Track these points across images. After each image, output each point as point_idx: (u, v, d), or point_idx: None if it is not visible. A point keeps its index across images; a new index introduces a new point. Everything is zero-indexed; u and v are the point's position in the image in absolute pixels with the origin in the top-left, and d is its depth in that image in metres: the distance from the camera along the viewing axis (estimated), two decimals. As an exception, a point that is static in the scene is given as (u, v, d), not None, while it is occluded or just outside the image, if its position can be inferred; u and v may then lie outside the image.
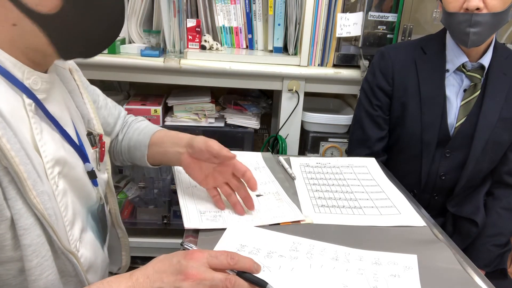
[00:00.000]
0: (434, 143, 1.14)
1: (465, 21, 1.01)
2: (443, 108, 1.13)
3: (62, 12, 0.54)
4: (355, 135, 1.30)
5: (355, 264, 0.70)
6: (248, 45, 1.58)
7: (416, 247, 0.75)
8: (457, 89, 1.14)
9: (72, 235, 0.63)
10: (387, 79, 1.19)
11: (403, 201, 0.94)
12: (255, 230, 0.77)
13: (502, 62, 1.12)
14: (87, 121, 0.76)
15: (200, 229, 0.76)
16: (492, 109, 1.10)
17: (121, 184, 1.67)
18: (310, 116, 1.54)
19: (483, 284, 0.68)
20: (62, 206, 0.61)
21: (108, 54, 1.41)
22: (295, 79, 1.47)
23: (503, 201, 1.17)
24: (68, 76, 0.75)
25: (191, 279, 0.52)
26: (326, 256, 0.72)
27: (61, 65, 0.73)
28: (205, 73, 1.44)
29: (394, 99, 1.20)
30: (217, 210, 0.83)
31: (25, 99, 0.57)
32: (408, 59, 1.18)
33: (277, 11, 1.48)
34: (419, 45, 1.19)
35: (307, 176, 1.04)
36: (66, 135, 0.65)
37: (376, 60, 1.24)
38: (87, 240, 0.68)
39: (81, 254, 0.65)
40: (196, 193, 0.89)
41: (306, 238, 0.76)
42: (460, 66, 1.12)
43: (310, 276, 0.67)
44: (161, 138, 0.90)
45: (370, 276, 0.68)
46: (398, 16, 1.42)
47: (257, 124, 1.54)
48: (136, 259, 1.71)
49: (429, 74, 1.15)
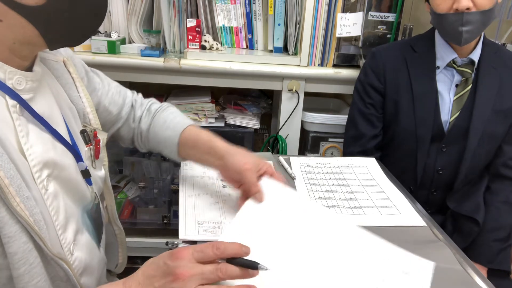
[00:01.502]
0: (428, 138, 1.16)
1: (456, 21, 1.05)
2: (435, 103, 1.16)
3: (49, 3, 0.53)
4: (349, 133, 1.33)
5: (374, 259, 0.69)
6: (248, 45, 1.58)
7: (416, 247, 0.75)
8: (449, 84, 1.16)
9: (65, 239, 0.62)
10: (379, 78, 1.23)
11: (403, 201, 0.94)
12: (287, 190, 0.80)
13: (491, 57, 1.15)
14: (82, 115, 0.74)
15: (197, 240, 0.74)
16: (485, 101, 1.13)
17: (121, 184, 1.67)
18: (310, 116, 1.54)
19: (483, 284, 0.68)
20: (53, 210, 0.59)
21: (108, 54, 1.41)
22: (295, 79, 1.47)
23: (500, 195, 1.18)
24: (62, 69, 0.72)
25: (181, 278, 0.51)
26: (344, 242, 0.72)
27: (52, 58, 0.71)
28: (205, 73, 1.44)
29: (386, 96, 1.23)
30: (216, 221, 0.80)
31: (8, 100, 0.55)
32: (398, 57, 1.22)
33: (277, 11, 1.48)
34: (409, 44, 1.23)
35: (307, 176, 1.04)
36: (56, 134, 0.63)
37: (368, 60, 1.29)
38: (83, 242, 0.67)
39: (76, 257, 0.64)
40: (198, 202, 0.87)
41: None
42: (451, 62, 1.15)
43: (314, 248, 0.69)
44: (193, 141, 0.85)
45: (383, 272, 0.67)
46: (397, 16, 1.42)
47: (257, 124, 1.54)
48: (136, 259, 1.71)
49: (420, 71, 1.18)
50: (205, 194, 0.90)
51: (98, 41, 1.40)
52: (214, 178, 0.98)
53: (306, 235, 0.72)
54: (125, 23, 1.51)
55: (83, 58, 1.39)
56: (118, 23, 1.50)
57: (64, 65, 0.73)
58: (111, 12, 1.48)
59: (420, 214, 0.89)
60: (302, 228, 0.73)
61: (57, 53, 0.72)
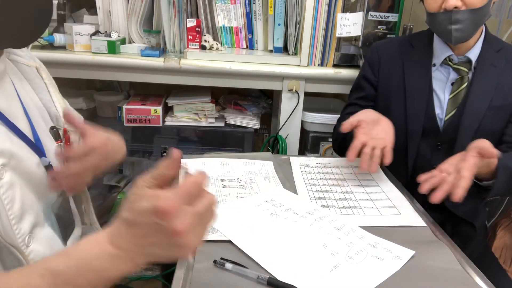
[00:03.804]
0: (419, 133, 1.16)
1: (445, 20, 1.05)
2: (428, 99, 1.15)
3: None
4: (336, 126, 1.35)
5: (352, 238, 0.77)
6: (248, 45, 1.58)
7: (416, 247, 0.75)
8: (444, 83, 1.16)
9: (20, 229, 0.62)
10: (373, 70, 1.25)
11: (403, 201, 0.94)
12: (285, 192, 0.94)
13: (492, 55, 1.14)
14: (56, 119, 0.77)
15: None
16: (480, 99, 1.12)
17: (121, 184, 1.67)
18: (310, 116, 1.54)
19: (483, 284, 0.68)
20: (6, 198, 0.60)
21: (108, 54, 1.41)
22: (295, 79, 1.47)
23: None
24: (34, 74, 0.76)
25: (183, 232, 0.45)
26: (332, 224, 0.81)
27: (25, 62, 0.75)
28: (205, 73, 1.44)
29: (379, 89, 1.25)
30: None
31: None
32: (395, 52, 1.23)
33: (277, 11, 1.48)
34: (408, 40, 1.24)
35: (307, 176, 1.04)
36: (14, 128, 0.64)
37: (367, 54, 1.31)
38: (43, 236, 0.67)
39: (32, 250, 0.63)
40: None
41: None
42: (446, 60, 1.15)
43: (303, 231, 0.79)
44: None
45: (356, 249, 0.74)
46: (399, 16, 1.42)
47: (257, 124, 1.54)
48: (136, 259, 1.71)
49: (415, 67, 1.18)
50: None
51: (98, 41, 1.40)
52: (214, 178, 0.99)
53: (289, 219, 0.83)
54: (125, 23, 1.51)
55: (83, 58, 1.41)
56: (118, 23, 1.50)
57: (37, 71, 0.77)
58: (111, 12, 1.48)
59: (420, 214, 0.89)
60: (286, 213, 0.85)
61: (30, 59, 0.77)
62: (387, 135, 1.02)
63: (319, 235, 0.77)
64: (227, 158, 1.10)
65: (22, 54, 0.76)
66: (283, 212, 0.84)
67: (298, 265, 0.69)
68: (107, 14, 1.49)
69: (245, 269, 0.67)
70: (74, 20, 1.60)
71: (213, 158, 1.09)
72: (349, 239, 0.76)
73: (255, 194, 0.92)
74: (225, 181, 0.98)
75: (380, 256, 0.72)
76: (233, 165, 1.06)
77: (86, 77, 1.44)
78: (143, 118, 1.48)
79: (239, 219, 0.81)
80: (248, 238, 0.75)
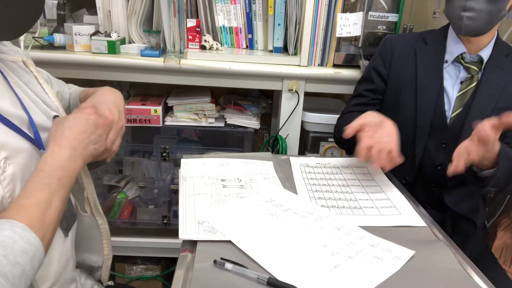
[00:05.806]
0: (427, 129, 1.16)
1: (460, 6, 1.05)
2: (438, 96, 1.15)
3: None
4: (340, 118, 1.34)
5: (352, 238, 0.77)
6: (248, 45, 1.58)
7: (416, 247, 0.75)
8: (454, 80, 1.16)
9: None
10: (385, 63, 1.24)
11: (403, 201, 0.94)
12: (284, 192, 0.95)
13: (501, 58, 1.14)
14: (56, 108, 0.79)
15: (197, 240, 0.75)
16: (486, 99, 1.12)
17: (121, 184, 1.67)
18: (310, 116, 1.54)
19: (483, 284, 0.68)
20: (8, 191, 0.61)
21: (108, 54, 1.41)
22: (295, 79, 1.47)
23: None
24: (22, 68, 0.76)
25: (112, 118, 0.75)
26: (332, 224, 0.82)
27: (10, 59, 0.75)
28: (205, 73, 1.44)
29: (389, 83, 1.24)
30: None
31: None
32: (408, 47, 1.22)
33: (277, 11, 1.48)
34: (422, 36, 1.23)
35: (307, 176, 1.04)
36: (9, 124, 0.65)
37: (379, 46, 1.30)
38: None
39: None
40: (198, 202, 0.87)
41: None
42: (459, 57, 1.15)
43: (303, 231, 0.79)
44: (85, 97, 0.95)
45: (356, 249, 0.74)
46: (399, 16, 1.42)
47: (257, 124, 1.54)
48: (137, 259, 1.71)
49: (428, 63, 1.18)
50: (205, 194, 0.90)
51: (98, 41, 1.40)
52: (214, 178, 0.99)
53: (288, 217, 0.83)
54: (125, 23, 1.51)
55: (83, 58, 1.41)
56: (118, 23, 1.50)
57: (24, 65, 0.77)
58: (111, 12, 1.48)
59: (420, 214, 0.89)
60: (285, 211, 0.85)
61: (15, 54, 0.76)
62: (391, 138, 1.01)
63: (319, 235, 0.77)
64: (227, 158, 1.10)
65: (5, 50, 0.75)
66: (283, 212, 0.84)
67: (298, 265, 0.69)
68: (107, 14, 1.49)
69: (245, 269, 0.67)
70: (74, 20, 1.60)
71: (213, 158, 1.09)
72: (349, 239, 0.76)
73: (255, 194, 0.92)
74: (225, 181, 0.98)
75: (380, 256, 0.72)
76: (233, 165, 1.06)
77: (86, 77, 1.44)
78: (143, 118, 1.48)
79: (239, 219, 0.81)
80: (248, 238, 0.75)
